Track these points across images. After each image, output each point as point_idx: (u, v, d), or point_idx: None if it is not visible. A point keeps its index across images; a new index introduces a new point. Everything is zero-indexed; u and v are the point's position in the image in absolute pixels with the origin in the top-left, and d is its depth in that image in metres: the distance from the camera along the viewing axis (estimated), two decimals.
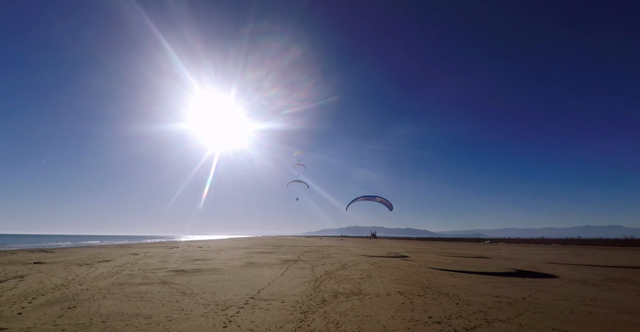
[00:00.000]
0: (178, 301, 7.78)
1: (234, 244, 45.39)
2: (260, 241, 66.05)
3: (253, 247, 35.53)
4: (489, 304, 7.82)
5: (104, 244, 49.29)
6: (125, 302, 7.62)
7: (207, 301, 7.74)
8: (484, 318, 6.49)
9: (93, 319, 6.21)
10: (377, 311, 7.04)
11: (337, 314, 6.71)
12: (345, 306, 7.44)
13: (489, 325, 6.03)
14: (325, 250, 32.26)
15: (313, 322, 6.11)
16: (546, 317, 6.66)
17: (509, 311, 7.15)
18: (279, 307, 7.18)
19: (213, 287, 9.69)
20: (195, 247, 34.53)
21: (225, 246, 40.56)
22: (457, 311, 7.09)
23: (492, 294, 9.16)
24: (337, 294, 8.83)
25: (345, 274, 13.14)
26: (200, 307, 7.13)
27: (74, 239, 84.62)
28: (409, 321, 6.24)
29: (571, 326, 6.06)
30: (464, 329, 5.78)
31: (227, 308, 7.08)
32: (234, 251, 27.85)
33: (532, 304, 7.81)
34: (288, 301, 7.87)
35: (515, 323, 6.16)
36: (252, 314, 6.64)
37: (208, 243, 50.84)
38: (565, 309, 7.33)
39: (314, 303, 7.63)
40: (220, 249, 30.72)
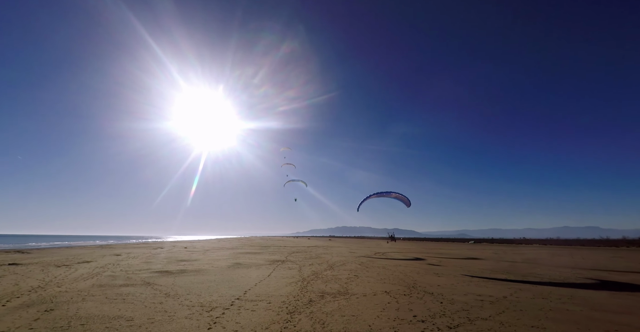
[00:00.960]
0: (162, 302, 7.62)
1: (220, 245, 44.78)
2: (248, 242, 65.39)
3: (240, 248, 35.16)
4: (472, 302, 8.02)
5: (84, 244, 47.67)
6: (106, 304, 7.40)
7: (191, 303, 7.61)
8: (466, 317, 6.65)
9: (71, 322, 6.00)
10: (363, 310, 7.10)
11: (324, 314, 6.72)
12: (332, 306, 7.46)
13: (471, 323, 6.18)
14: (313, 250, 32.25)
15: (299, 322, 6.10)
16: (526, 315, 6.87)
17: (491, 309, 7.35)
18: (265, 308, 7.14)
19: (198, 288, 9.54)
20: (181, 248, 33.88)
21: (212, 246, 39.97)
22: (441, 309, 7.23)
23: (475, 293, 9.38)
24: (324, 294, 8.84)
25: (332, 274, 13.18)
26: (185, 309, 7.01)
27: (53, 240, 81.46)
28: (394, 320, 6.32)
29: (549, 323, 6.28)
30: (447, 327, 5.91)
31: (212, 309, 6.98)
32: (220, 252, 27.48)
33: (513, 303, 8.05)
34: (275, 301, 7.83)
35: (497, 321, 6.34)
36: (237, 315, 6.57)
37: (194, 244, 49.96)
38: (543, 307, 7.60)
39: (301, 303, 7.62)
40: (207, 250, 30.26)
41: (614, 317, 6.77)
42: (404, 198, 28.35)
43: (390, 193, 27.88)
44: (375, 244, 59.53)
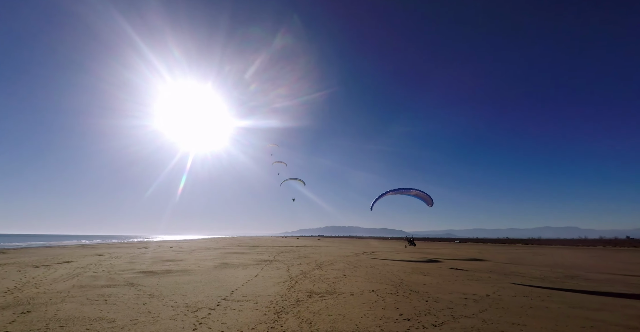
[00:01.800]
0: (145, 303, 7.46)
1: (207, 245, 44.16)
2: (236, 242, 64.75)
3: (227, 248, 34.78)
4: (456, 301, 8.19)
5: (65, 244, 46.12)
6: (86, 305, 7.19)
7: (176, 303, 7.48)
8: (450, 315, 6.78)
9: (50, 324, 5.80)
10: (350, 309, 7.14)
11: (311, 313, 6.73)
12: (319, 305, 7.48)
13: (455, 321, 6.31)
14: (301, 250, 32.21)
15: (286, 322, 6.09)
16: (507, 312, 7.07)
17: (474, 307, 7.52)
18: (252, 308, 7.09)
19: (184, 288, 9.38)
20: (167, 248, 33.24)
21: (199, 246, 39.38)
22: (427, 308, 7.36)
23: (459, 291, 9.58)
24: (311, 293, 8.85)
25: (320, 273, 13.20)
26: (169, 310, 6.88)
27: (32, 239, 78.47)
28: (380, 319, 6.39)
29: (529, 320, 6.48)
30: (432, 325, 6.01)
31: (197, 310, 6.88)
32: (207, 252, 27.10)
33: (495, 301, 8.27)
34: (262, 301, 7.78)
35: (480, 319, 6.49)
36: (224, 315, 6.50)
37: (180, 243, 49.10)
38: (524, 305, 7.83)
39: (288, 303, 7.61)
40: (193, 250, 29.78)
41: (590, 313, 7.04)
42: (425, 196, 25.06)
43: (410, 190, 24.46)
44: (364, 244, 59.96)
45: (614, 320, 6.53)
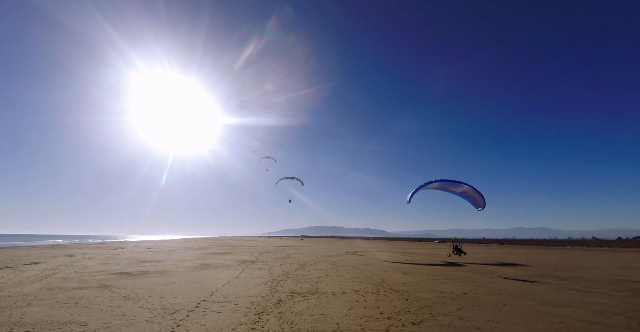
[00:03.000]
0: (120, 305, 7.17)
1: (187, 245, 43.08)
2: (217, 242, 63.49)
3: (208, 248, 34.06)
4: (435, 299, 8.41)
5: (34, 244, 43.57)
6: (55, 308, 6.83)
7: (153, 305, 7.24)
8: (429, 313, 6.96)
9: (14, 329, 5.47)
10: (332, 309, 7.17)
11: (293, 313, 6.71)
12: (301, 305, 7.47)
13: (433, 319, 6.48)
14: (284, 250, 32.04)
15: (267, 323, 6.04)
16: (483, 310, 7.34)
17: (452, 305, 7.76)
18: (233, 309, 6.97)
19: (161, 290, 9.10)
20: (144, 248, 32.13)
21: (178, 246, 38.34)
22: (406, 306, 7.51)
23: (438, 290, 9.85)
24: (293, 293, 8.82)
25: (303, 273, 13.18)
26: (145, 312, 6.65)
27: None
28: (361, 318, 6.46)
29: (502, 317, 6.75)
30: (412, 323, 6.15)
31: (175, 312, 6.69)
32: (186, 252, 26.43)
33: (472, 299, 8.56)
34: (242, 302, 7.68)
35: (457, 316, 6.70)
36: (203, 317, 6.36)
37: (158, 244, 47.60)
38: (498, 302, 8.16)
39: (270, 304, 7.54)
40: (172, 250, 28.96)
41: (558, 310, 7.43)
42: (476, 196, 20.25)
43: (460, 184, 19.95)
44: (347, 244, 60.39)
45: (579, 315, 6.92)
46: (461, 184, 20.06)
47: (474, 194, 20.62)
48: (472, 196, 21.09)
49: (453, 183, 20.02)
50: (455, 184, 20.18)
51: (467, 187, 20.25)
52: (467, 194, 21.09)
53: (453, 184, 20.16)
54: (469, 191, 20.55)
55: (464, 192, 20.96)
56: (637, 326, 6.21)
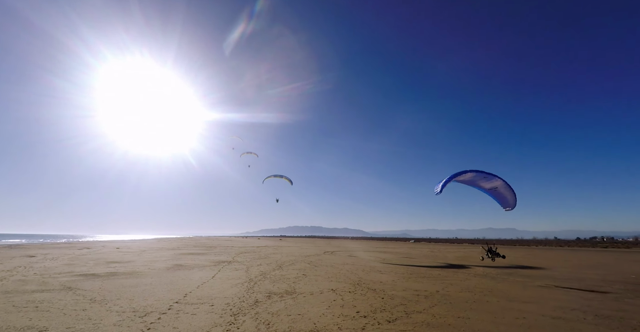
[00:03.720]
0: (85, 309, 6.78)
1: (160, 245, 41.49)
2: (192, 242, 61.64)
3: (182, 248, 32.99)
4: (409, 297, 8.65)
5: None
6: (12, 313, 6.34)
7: (122, 308, 6.91)
8: (404, 311, 7.15)
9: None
10: (309, 309, 7.18)
11: (269, 314, 6.64)
12: (279, 305, 7.41)
13: (407, 316, 6.67)
14: (262, 250, 31.66)
15: (243, 324, 5.94)
16: (454, 307, 7.64)
17: (425, 303, 8.01)
18: (207, 311, 6.80)
19: (131, 292, 8.70)
20: (112, 248, 30.58)
21: (150, 246, 36.83)
22: (382, 305, 7.67)
23: (412, 288, 10.14)
24: (271, 294, 8.74)
25: (281, 274, 13.09)
26: (114, 315, 6.34)
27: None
28: (338, 317, 6.52)
29: (472, 313, 7.06)
30: (387, 321, 6.28)
31: (146, 315, 6.42)
32: (159, 253, 25.45)
33: (444, 296, 8.89)
34: (218, 303, 7.50)
35: (430, 314, 6.93)
36: (175, 319, 6.15)
37: (129, 244, 45.48)
38: (469, 300, 8.52)
39: (246, 305, 7.43)
40: (143, 251, 27.77)
41: (523, 306, 7.88)
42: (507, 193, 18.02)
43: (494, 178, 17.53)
44: (325, 243, 60.63)
45: (542, 311, 7.38)
46: (495, 177, 17.61)
47: (505, 190, 18.23)
48: (502, 193, 18.72)
49: (487, 175, 17.52)
50: (488, 178, 17.65)
51: (500, 182, 17.77)
52: (497, 190, 18.58)
53: (487, 177, 17.64)
54: (500, 186, 18.09)
55: (495, 188, 18.46)
56: (592, 319, 6.72)
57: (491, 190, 18.71)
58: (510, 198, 18.53)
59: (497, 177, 17.51)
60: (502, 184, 17.79)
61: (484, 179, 17.93)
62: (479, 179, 18.06)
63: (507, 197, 18.57)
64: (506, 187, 17.94)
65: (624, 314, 7.22)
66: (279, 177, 30.83)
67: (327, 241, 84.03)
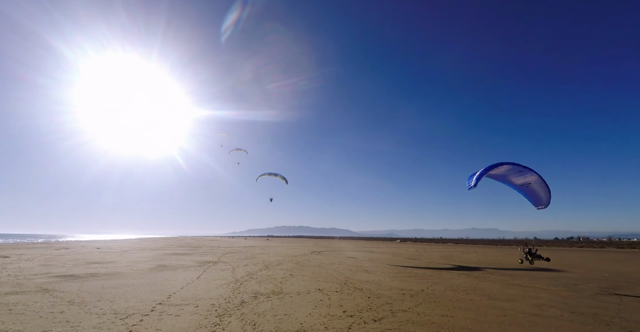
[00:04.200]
0: (63, 311, 6.53)
1: (143, 245, 40.47)
2: (176, 242, 60.46)
3: (166, 249, 32.30)
4: (395, 296, 8.77)
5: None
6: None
7: (102, 310, 6.69)
8: (389, 309, 7.24)
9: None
10: (296, 309, 7.17)
11: (255, 315, 6.59)
12: (265, 306, 7.36)
13: (393, 315, 6.75)
14: (249, 250, 31.37)
15: (229, 325, 5.87)
16: (438, 305, 7.80)
17: (410, 301, 8.14)
18: (192, 312, 6.68)
19: (112, 293, 8.44)
20: (92, 249, 29.60)
21: (132, 247, 35.88)
22: (368, 304, 7.74)
23: (398, 287, 10.28)
24: (257, 294, 8.67)
25: (267, 274, 13.01)
26: (93, 318, 6.13)
27: None
28: (324, 317, 6.54)
29: (456, 311, 7.23)
30: (373, 320, 6.35)
31: (127, 317, 6.25)
32: (142, 253, 24.81)
33: (429, 295, 9.06)
34: (203, 304, 7.38)
35: (415, 312, 7.05)
36: (158, 321, 6.01)
37: (110, 244, 44.14)
38: (452, 298, 8.72)
39: (232, 305, 7.34)
40: (125, 251, 27.01)
41: (504, 304, 8.13)
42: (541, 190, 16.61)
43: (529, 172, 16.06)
44: (313, 243, 60.67)
45: (521, 309, 7.64)
46: (530, 171, 16.17)
47: (539, 187, 16.69)
48: (535, 190, 17.12)
49: (523, 169, 16.10)
50: (523, 172, 16.22)
51: (535, 177, 16.31)
52: (530, 186, 17.03)
53: (522, 171, 16.25)
54: (534, 182, 16.60)
55: (528, 183, 16.92)
56: (568, 316, 7.00)
57: (523, 186, 17.14)
58: (543, 195, 16.85)
59: (533, 172, 16.04)
60: (536, 179, 16.29)
61: (518, 173, 16.46)
62: (512, 174, 16.63)
63: (540, 194, 16.86)
64: (540, 183, 16.38)
65: (597, 311, 7.56)
66: (273, 176, 29.55)
67: (314, 241, 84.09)
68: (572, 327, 6.15)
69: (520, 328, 6.05)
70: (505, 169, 16.12)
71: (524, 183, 16.79)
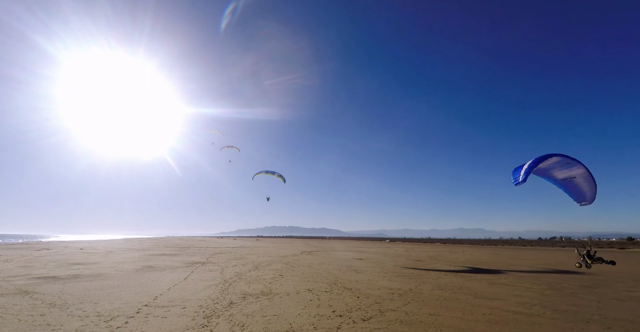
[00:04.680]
0: (43, 314, 6.32)
1: (129, 246, 39.57)
2: (163, 242, 59.38)
3: (153, 249, 31.67)
4: (384, 295, 8.85)
5: None
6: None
7: (85, 312, 6.51)
8: (378, 309, 7.30)
9: None
10: (285, 309, 7.14)
11: (244, 316, 6.53)
12: (254, 307, 7.31)
13: (382, 314, 6.81)
14: (238, 251, 31.07)
15: (217, 326, 5.80)
16: (426, 304, 7.90)
17: (399, 301, 8.23)
18: (179, 314, 6.57)
19: (96, 295, 8.22)
20: (75, 249, 28.76)
21: (117, 247, 35.03)
22: (357, 304, 7.78)
23: (387, 286, 10.38)
24: (246, 295, 8.60)
25: (257, 274, 12.91)
26: (76, 320, 5.96)
27: None
28: (314, 317, 6.53)
29: (443, 310, 7.34)
30: (362, 320, 6.38)
31: (112, 319, 6.10)
32: (128, 253, 24.26)
33: (417, 294, 9.17)
34: (190, 306, 7.27)
35: (403, 311, 7.13)
36: (144, 323, 5.89)
37: (94, 244, 42.97)
38: (440, 297, 8.85)
39: (220, 306, 7.26)
40: (110, 251, 26.35)
41: (489, 303, 8.31)
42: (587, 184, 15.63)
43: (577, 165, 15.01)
44: (303, 244, 60.57)
45: (506, 307, 7.82)
46: (578, 164, 15.07)
47: (584, 181, 15.49)
48: (578, 185, 15.82)
49: (571, 161, 15.00)
50: (571, 164, 15.15)
51: (582, 171, 15.16)
52: (573, 181, 15.79)
53: (570, 164, 15.19)
54: (579, 176, 15.44)
55: (572, 178, 15.66)
56: (550, 314, 7.21)
57: (565, 180, 15.94)
58: (588, 190, 15.58)
59: (581, 165, 14.90)
60: (583, 172, 15.11)
61: (565, 166, 15.29)
62: (558, 167, 15.46)
63: (584, 189, 15.62)
64: (586, 177, 15.23)
65: (578, 308, 7.82)
66: (270, 174, 28.12)
67: (304, 241, 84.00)
68: (554, 325, 6.34)
69: (505, 326, 6.20)
70: (552, 162, 14.97)
71: (568, 177, 15.64)
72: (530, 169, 14.57)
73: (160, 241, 64.83)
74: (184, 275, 12.33)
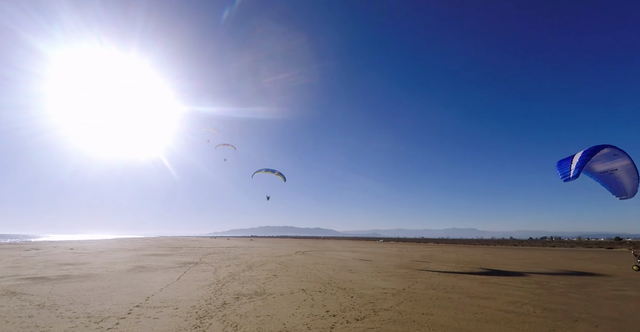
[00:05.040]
0: (32, 315, 6.20)
1: (120, 246, 39.03)
2: (156, 242, 58.72)
3: (145, 249, 31.30)
4: (377, 295, 8.89)
5: None
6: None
7: (75, 314, 6.40)
8: (372, 308, 7.33)
9: None
10: (279, 309, 7.12)
11: (237, 316, 6.50)
12: (247, 307, 7.27)
13: (375, 314, 6.84)
14: (232, 251, 30.89)
15: (210, 327, 5.76)
16: (419, 304, 7.96)
17: (392, 300, 8.27)
18: (171, 315, 6.50)
19: (85, 296, 8.09)
20: (65, 249, 28.26)
21: (108, 247, 34.53)
22: (351, 303, 7.80)
23: (380, 286, 10.42)
24: (239, 295, 8.55)
25: (250, 274, 12.85)
26: (65, 322, 5.86)
27: None
28: (307, 317, 6.53)
29: (435, 309, 7.40)
30: (355, 319, 6.40)
31: (102, 320, 6.01)
32: (119, 254, 23.92)
33: (410, 294, 9.24)
34: (183, 306, 7.20)
35: (396, 311, 7.17)
36: (136, 324, 5.82)
37: (85, 244, 42.27)
38: (432, 297, 8.93)
39: (213, 307, 7.21)
40: (101, 251, 25.96)
41: (481, 302, 8.40)
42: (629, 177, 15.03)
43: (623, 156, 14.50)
44: (297, 244, 60.47)
45: (497, 306, 7.92)
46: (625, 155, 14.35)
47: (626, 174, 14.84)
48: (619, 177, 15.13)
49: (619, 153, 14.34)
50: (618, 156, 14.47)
51: (626, 162, 14.51)
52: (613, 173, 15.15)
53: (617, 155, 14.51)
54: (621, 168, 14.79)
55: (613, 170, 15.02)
56: (540, 312, 7.32)
57: (605, 173, 15.28)
58: (629, 183, 14.88)
59: (626, 156, 14.25)
60: (627, 164, 14.49)
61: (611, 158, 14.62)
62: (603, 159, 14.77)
63: (624, 182, 15.00)
64: (629, 170, 14.59)
65: (567, 307, 7.96)
66: (270, 173, 27.21)
67: (299, 241, 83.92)
68: (544, 323, 6.44)
69: (496, 324, 6.28)
70: (602, 154, 14.24)
71: (608, 170, 14.99)
72: (583, 162, 13.52)
73: (152, 241, 64.07)
74: (177, 275, 12.21)
